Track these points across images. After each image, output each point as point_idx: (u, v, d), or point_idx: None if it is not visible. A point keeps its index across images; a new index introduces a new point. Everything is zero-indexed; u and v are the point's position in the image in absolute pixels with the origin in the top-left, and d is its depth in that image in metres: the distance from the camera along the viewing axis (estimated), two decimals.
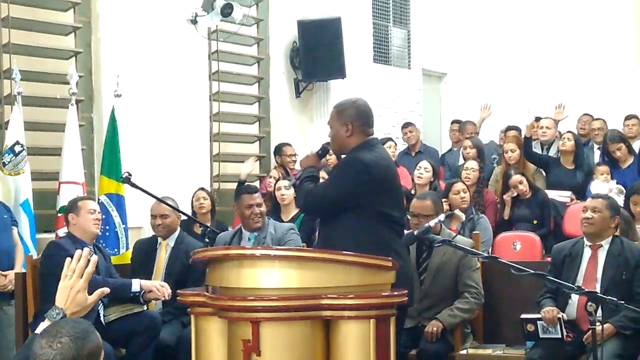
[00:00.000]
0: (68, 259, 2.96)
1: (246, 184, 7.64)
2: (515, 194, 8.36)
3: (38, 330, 2.68)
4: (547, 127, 9.65)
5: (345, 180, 4.96)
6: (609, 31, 12.55)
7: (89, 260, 2.95)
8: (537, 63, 12.90)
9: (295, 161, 9.28)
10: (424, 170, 8.43)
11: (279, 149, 9.62)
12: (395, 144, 9.68)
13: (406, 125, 11.00)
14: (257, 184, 9.35)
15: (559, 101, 10.49)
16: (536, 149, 9.75)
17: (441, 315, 6.01)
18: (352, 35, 10.87)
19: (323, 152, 5.44)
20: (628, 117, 10.04)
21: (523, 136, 9.30)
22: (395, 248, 4.94)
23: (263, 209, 6.49)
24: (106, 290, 3.10)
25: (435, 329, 5.94)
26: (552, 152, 9.54)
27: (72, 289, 2.90)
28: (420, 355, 5.99)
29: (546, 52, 12.86)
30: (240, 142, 9.98)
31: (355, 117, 5.08)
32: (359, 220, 4.95)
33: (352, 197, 4.92)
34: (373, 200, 4.96)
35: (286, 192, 7.65)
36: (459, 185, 7.83)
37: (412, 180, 8.66)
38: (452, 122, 11.74)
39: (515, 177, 8.36)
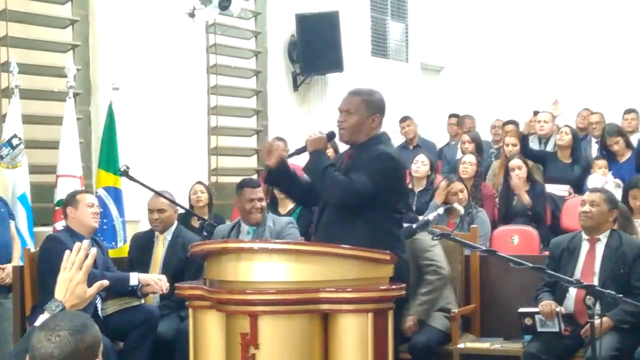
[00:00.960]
0: (67, 251, 2.95)
1: (248, 177, 7.62)
2: (521, 175, 8.23)
3: (37, 323, 2.68)
4: (544, 121, 9.64)
5: (380, 176, 4.85)
6: (608, 24, 12.53)
7: (88, 253, 2.95)
8: (535, 56, 12.89)
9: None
10: (421, 164, 8.42)
11: None
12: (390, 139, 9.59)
13: (404, 119, 10.98)
14: (254, 177, 9.34)
15: (555, 97, 10.48)
16: (534, 143, 9.75)
17: (412, 310, 6.00)
18: (350, 28, 10.86)
19: (330, 137, 5.17)
20: (627, 112, 10.05)
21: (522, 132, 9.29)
22: (403, 244, 4.98)
23: (264, 203, 6.49)
24: (105, 282, 3.10)
25: (410, 323, 5.96)
26: (550, 146, 9.54)
27: (72, 282, 2.90)
28: (411, 350, 5.98)
29: (545, 46, 12.85)
30: (238, 136, 9.97)
31: (381, 109, 5.04)
32: (380, 217, 4.89)
33: (384, 193, 4.85)
34: (394, 197, 4.95)
35: None
36: (456, 186, 7.71)
37: (410, 174, 8.64)
38: (450, 116, 11.74)
39: (514, 162, 8.29)
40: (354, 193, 4.79)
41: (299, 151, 5.06)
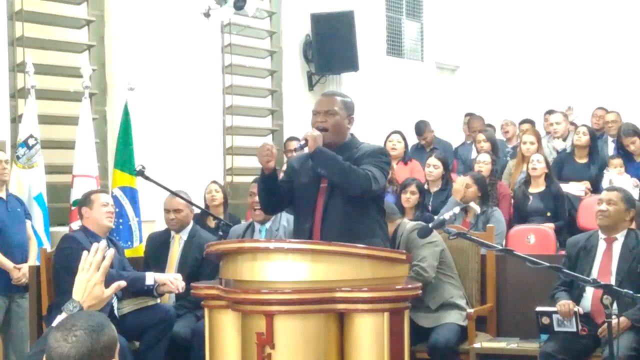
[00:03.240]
0: (85, 252, 2.96)
1: None
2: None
3: (54, 323, 2.68)
4: (556, 123, 9.67)
5: (386, 169, 5.07)
6: (623, 23, 12.49)
7: (105, 254, 2.95)
8: (550, 55, 12.85)
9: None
10: (433, 167, 8.38)
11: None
12: (404, 138, 9.51)
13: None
14: None
15: (569, 103, 10.48)
16: (550, 143, 9.73)
17: None
18: (365, 28, 10.85)
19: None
20: None
21: None
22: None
23: None
24: (123, 283, 3.11)
25: None
26: (568, 144, 9.52)
27: (89, 282, 2.91)
28: (431, 349, 5.96)
29: (560, 45, 12.80)
30: (254, 135, 9.97)
31: (354, 111, 5.18)
32: (374, 208, 5.05)
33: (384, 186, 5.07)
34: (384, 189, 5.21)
35: None
36: (463, 180, 7.71)
37: (425, 175, 8.64)
38: (466, 115, 11.72)
39: (536, 156, 8.30)
40: (376, 184, 4.90)
41: (302, 146, 5.06)
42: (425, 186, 8.18)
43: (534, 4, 13.09)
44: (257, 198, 6.39)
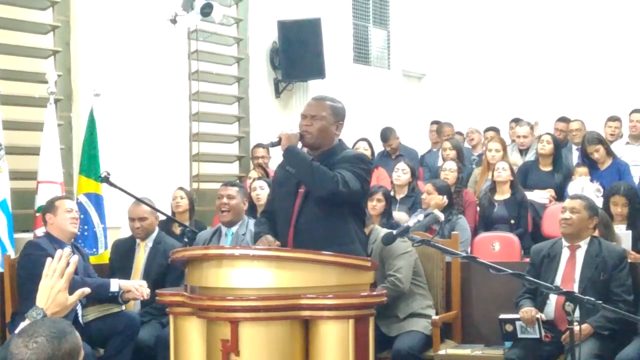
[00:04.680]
0: (49, 259, 2.95)
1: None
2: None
3: (17, 330, 2.67)
4: (523, 136, 9.81)
5: (363, 177, 5.00)
6: (586, 32, 12.59)
7: (69, 261, 2.94)
8: (516, 64, 12.94)
9: (267, 163, 9.22)
10: (401, 172, 8.45)
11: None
12: (371, 145, 9.57)
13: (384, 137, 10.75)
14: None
15: (534, 117, 10.61)
16: (514, 152, 9.81)
17: None
18: (332, 35, 10.87)
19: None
20: (611, 119, 10.08)
21: None
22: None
23: (234, 202, 6.44)
24: (87, 290, 3.09)
25: None
26: (531, 155, 9.59)
27: (53, 289, 2.90)
28: (394, 356, 5.96)
29: (525, 54, 12.91)
30: (220, 142, 9.96)
31: (344, 117, 5.17)
32: (350, 215, 5.01)
33: (360, 193, 4.99)
34: (363, 198, 5.19)
35: (261, 192, 7.61)
36: (426, 187, 7.85)
37: (391, 182, 8.67)
38: (432, 123, 11.77)
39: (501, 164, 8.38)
40: (345, 187, 4.85)
41: (274, 144, 5.05)
42: (392, 192, 8.20)
43: (499, 14, 13.17)
44: (224, 200, 6.42)
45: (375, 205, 7.48)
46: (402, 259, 6.09)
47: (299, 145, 5.10)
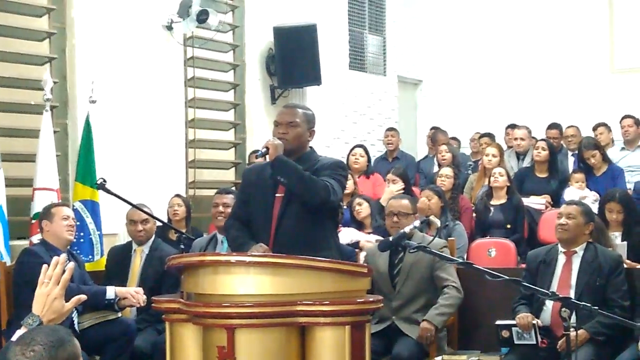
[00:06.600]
0: (45, 266, 2.95)
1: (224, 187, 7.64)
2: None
3: (14, 338, 2.66)
4: (521, 139, 9.81)
5: (343, 183, 5.18)
6: (582, 39, 12.61)
7: (65, 268, 2.94)
8: (512, 70, 12.94)
9: None
10: (392, 183, 8.40)
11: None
12: (367, 152, 9.60)
13: (390, 129, 11.03)
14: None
15: (530, 120, 10.65)
16: (511, 157, 9.82)
17: (429, 316, 5.97)
18: (328, 42, 10.88)
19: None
20: (598, 125, 10.13)
21: None
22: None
23: (230, 210, 6.46)
24: (83, 297, 3.09)
25: (429, 333, 5.93)
26: (527, 161, 9.61)
27: (49, 296, 2.90)
28: None
29: (521, 60, 12.91)
30: (216, 149, 9.95)
31: (315, 124, 5.25)
32: (329, 221, 5.14)
33: (341, 199, 5.16)
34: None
35: None
36: (424, 193, 7.85)
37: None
38: (431, 129, 11.78)
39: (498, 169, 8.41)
40: (334, 196, 4.97)
41: (263, 154, 5.07)
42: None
43: (495, 21, 13.18)
44: (220, 208, 6.45)
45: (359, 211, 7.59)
46: (452, 267, 6.18)
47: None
